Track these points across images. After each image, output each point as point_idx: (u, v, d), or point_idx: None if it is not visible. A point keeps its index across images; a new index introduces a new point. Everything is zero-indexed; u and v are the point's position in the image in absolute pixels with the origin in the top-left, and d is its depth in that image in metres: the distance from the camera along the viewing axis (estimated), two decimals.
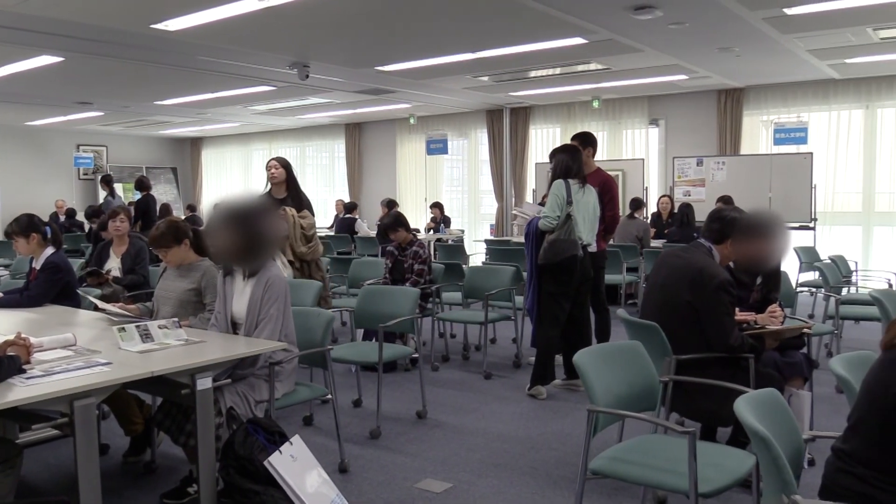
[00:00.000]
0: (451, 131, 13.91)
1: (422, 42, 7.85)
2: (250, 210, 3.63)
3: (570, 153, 5.25)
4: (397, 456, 4.08)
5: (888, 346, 1.86)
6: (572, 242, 5.04)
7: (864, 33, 7.42)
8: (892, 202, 10.26)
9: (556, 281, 5.11)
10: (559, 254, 5.01)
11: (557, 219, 5.01)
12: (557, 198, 5.03)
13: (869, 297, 4.85)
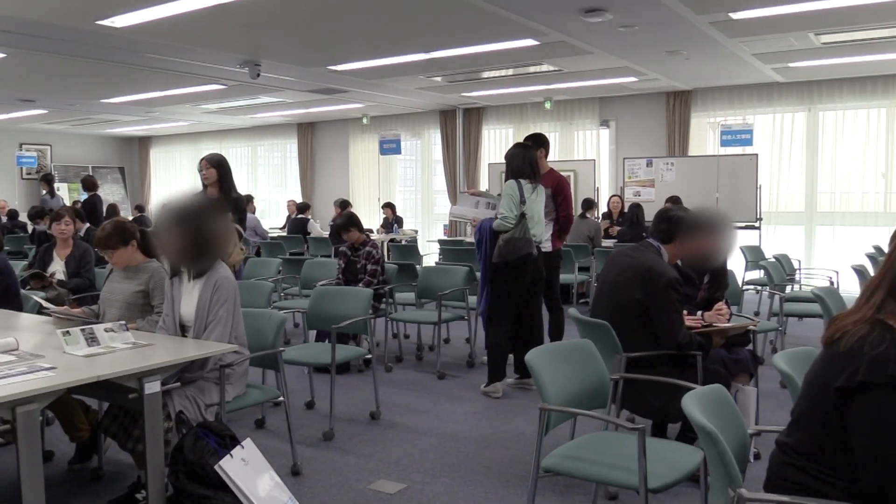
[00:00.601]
0: (405, 131, 13.90)
1: (374, 42, 7.83)
2: (199, 209, 3.57)
3: (523, 153, 5.27)
4: (351, 457, 4.06)
5: (829, 342, 1.91)
6: (527, 241, 5.09)
7: (806, 38, 7.62)
8: (833, 202, 10.58)
9: (509, 280, 5.15)
10: (515, 252, 5.05)
11: (515, 218, 5.04)
12: (512, 198, 5.07)
13: (811, 294, 4.98)
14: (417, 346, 6.70)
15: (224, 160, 5.44)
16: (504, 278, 5.16)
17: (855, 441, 1.77)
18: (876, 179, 10.24)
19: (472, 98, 12.16)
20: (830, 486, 1.83)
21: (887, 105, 10.06)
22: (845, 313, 1.93)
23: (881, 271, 1.91)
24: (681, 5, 6.33)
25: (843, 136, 10.43)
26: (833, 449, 1.83)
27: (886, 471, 1.74)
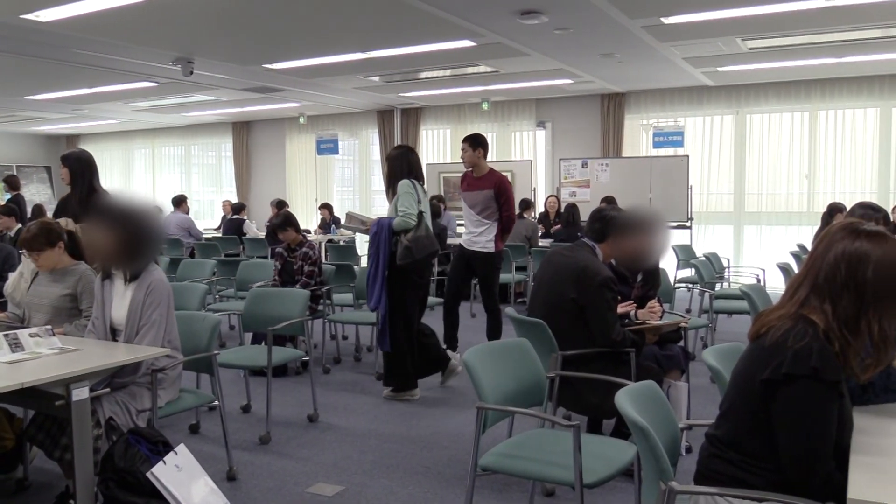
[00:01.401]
0: (342, 131, 13.82)
1: (311, 40, 7.75)
2: (132, 210, 3.49)
3: (405, 156, 5.21)
4: (288, 461, 4.01)
5: (755, 337, 1.98)
6: (432, 239, 5.09)
7: (733, 43, 7.86)
8: (759, 203, 10.93)
9: (412, 281, 5.07)
10: (423, 250, 5.00)
11: (416, 216, 4.99)
12: (411, 196, 5.01)
13: (739, 292, 5.14)
14: (356, 347, 6.67)
15: (77, 156, 4.53)
16: (406, 281, 5.04)
17: (779, 431, 1.84)
18: (800, 181, 10.63)
19: (410, 98, 12.16)
20: (757, 477, 1.89)
21: (810, 108, 10.45)
22: (770, 309, 2.00)
23: (804, 269, 1.99)
24: (614, 9, 6.45)
25: (769, 138, 10.79)
26: (759, 440, 1.90)
27: (809, 459, 1.81)
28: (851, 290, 1.85)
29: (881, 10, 6.47)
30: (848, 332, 1.85)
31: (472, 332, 7.56)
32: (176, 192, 12.12)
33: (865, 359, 1.89)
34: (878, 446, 1.89)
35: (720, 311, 6.42)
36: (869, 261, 1.85)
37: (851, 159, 10.33)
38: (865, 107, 10.21)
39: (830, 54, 8.52)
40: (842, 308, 1.86)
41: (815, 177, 10.50)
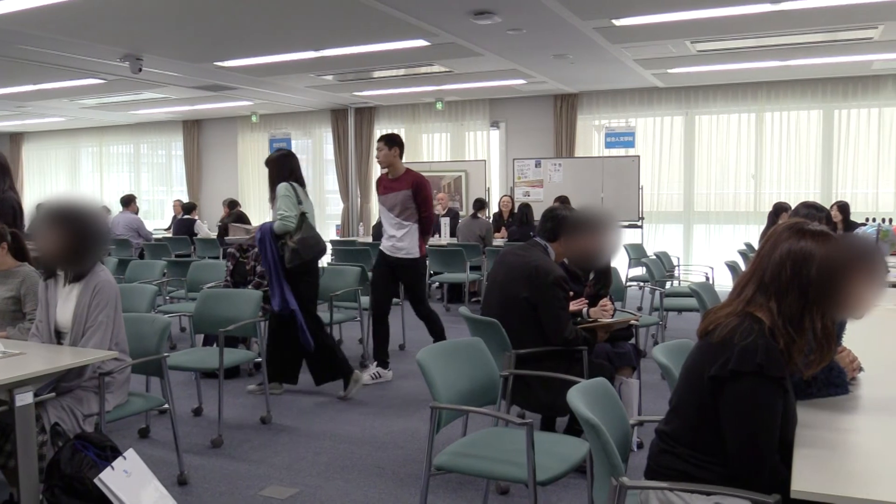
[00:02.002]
0: (295, 130, 13.69)
1: (263, 38, 7.66)
2: (78, 210, 3.40)
3: (284, 160, 5.22)
4: (241, 464, 3.96)
5: (703, 334, 2.02)
6: (318, 238, 5.16)
7: (683, 45, 8.00)
8: (708, 202, 11.15)
9: (307, 281, 5.11)
10: (310, 251, 5.06)
11: (295, 218, 5.03)
12: (289, 199, 5.04)
13: (689, 289, 5.24)
14: None
15: None
16: (304, 283, 5.09)
17: (726, 426, 1.88)
18: (747, 181, 10.87)
19: (364, 97, 12.10)
20: (705, 471, 1.93)
21: (756, 110, 10.69)
22: (718, 307, 2.05)
23: (751, 268, 2.04)
24: (566, 11, 6.51)
25: (717, 139, 11.01)
26: (707, 435, 1.93)
27: (755, 453, 1.85)
28: (796, 289, 1.90)
29: (825, 15, 6.65)
30: (792, 329, 1.90)
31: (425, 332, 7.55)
32: (124, 192, 11.88)
33: (809, 355, 1.94)
34: (821, 439, 1.94)
35: (670, 309, 6.54)
36: (813, 260, 1.89)
37: (796, 160, 10.61)
38: (809, 109, 10.49)
39: (776, 57, 8.73)
40: (787, 306, 1.91)
41: (762, 177, 10.76)
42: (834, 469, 1.76)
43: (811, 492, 1.62)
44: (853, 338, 2.61)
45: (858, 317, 2.08)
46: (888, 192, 9.98)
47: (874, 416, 2.17)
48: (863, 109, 10.23)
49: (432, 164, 12.36)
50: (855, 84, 10.11)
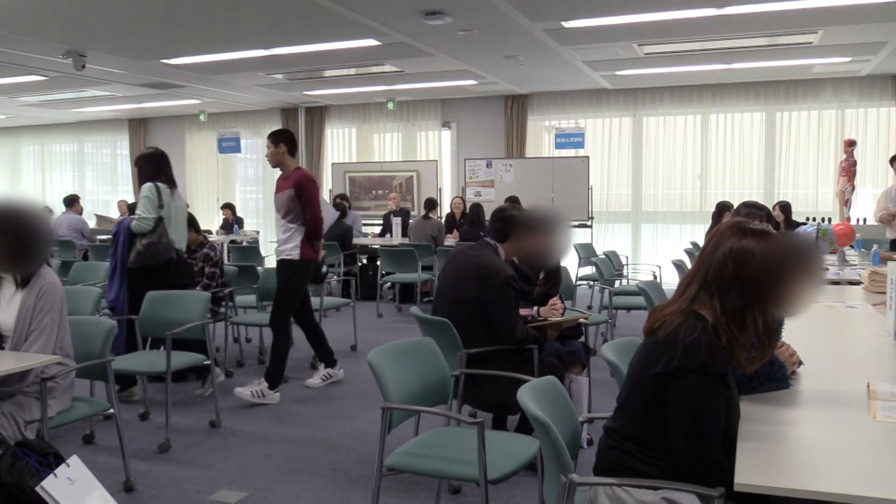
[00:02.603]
0: (244, 129, 13.52)
1: (211, 36, 7.55)
2: (19, 211, 3.31)
3: (158, 159, 5.23)
4: (189, 469, 3.90)
5: (649, 331, 2.06)
6: (167, 246, 5.11)
7: (630, 48, 8.13)
8: (656, 202, 11.36)
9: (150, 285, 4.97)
10: (155, 257, 5.04)
11: (152, 220, 5.03)
12: (150, 199, 5.05)
13: (637, 288, 5.32)
14: (259, 349, 6.54)
15: None
16: (146, 282, 4.99)
17: (672, 422, 1.92)
18: (693, 181, 11.10)
19: (315, 97, 12.02)
20: (651, 466, 1.97)
21: (702, 112, 10.93)
22: (663, 305, 2.09)
23: (695, 266, 2.08)
24: (516, 12, 6.56)
25: (664, 140, 11.22)
26: (653, 431, 1.97)
27: (699, 448, 1.89)
28: (738, 286, 1.95)
29: (766, 20, 6.83)
30: (735, 326, 1.95)
31: (377, 332, 7.55)
32: (68, 192, 11.57)
33: (751, 351, 1.99)
34: (764, 433, 1.99)
35: (619, 307, 6.64)
36: (754, 258, 1.94)
37: (740, 160, 10.87)
38: (752, 111, 10.77)
39: (720, 61, 8.93)
40: (729, 303, 1.95)
41: (707, 177, 11.00)
42: (776, 462, 1.81)
43: (754, 484, 1.65)
44: (792, 333, 2.69)
45: (797, 314, 2.14)
46: (827, 193, 10.29)
47: (813, 409, 2.24)
48: (803, 112, 10.54)
49: (384, 164, 12.34)
50: (796, 87, 10.40)
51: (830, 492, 1.62)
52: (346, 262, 9.38)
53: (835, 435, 2.00)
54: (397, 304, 9.25)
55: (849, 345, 3.35)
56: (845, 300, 4.36)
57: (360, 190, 12.23)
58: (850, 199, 9.28)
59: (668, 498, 1.89)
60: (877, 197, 7.88)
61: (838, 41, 7.77)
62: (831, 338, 3.44)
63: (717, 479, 1.81)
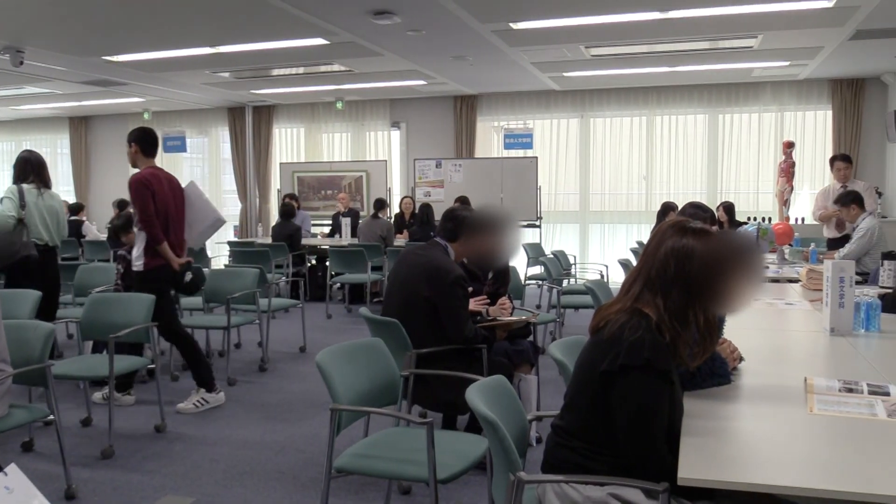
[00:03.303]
0: (190, 128, 13.29)
1: (155, 32, 7.39)
2: None
3: (24, 162, 5.32)
4: (133, 475, 3.81)
5: (594, 330, 2.09)
6: (26, 244, 5.18)
7: (577, 50, 8.22)
8: (603, 202, 11.52)
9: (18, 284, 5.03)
10: (14, 255, 5.10)
11: (13, 219, 5.11)
12: (11, 201, 5.15)
13: (584, 287, 5.39)
14: (206, 352, 6.43)
15: None
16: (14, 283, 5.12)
17: (617, 419, 1.95)
18: (639, 181, 11.29)
19: (262, 96, 11.87)
20: (598, 463, 1.99)
21: (647, 114, 11.12)
22: (608, 304, 2.12)
23: (638, 265, 2.12)
24: (465, 13, 6.58)
25: (610, 141, 11.38)
26: (599, 428, 2.00)
27: (645, 444, 1.92)
28: (680, 284, 1.99)
29: (708, 24, 6.98)
30: (677, 323, 1.99)
31: (326, 333, 7.51)
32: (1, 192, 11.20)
33: (693, 347, 2.03)
34: (706, 428, 2.03)
35: (567, 306, 6.71)
36: (695, 256, 1.99)
37: (684, 161, 11.10)
38: (696, 113, 11.00)
39: (665, 63, 9.11)
40: (671, 301, 1.99)
41: (652, 178, 11.19)
42: (718, 456, 1.85)
43: (697, 478, 1.69)
44: (733, 330, 2.76)
45: (738, 311, 2.19)
46: (767, 193, 10.57)
47: (754, 404, 2.30)
48: (744, 114, 10.80)
49: (333, 164, 12.26)
50: (737, 90, 10.66)
51: (770, 484, 1.67)
52: (294, 263, 9.29)
53: (774, 428, 2.06)
54: (347, 304, 9.21)
55: (787, 341, 3.45)
56: (784, 297, 4.49)
57: (309, 190, 12.12)
58: (789, 200, 9.56)
59: (615, 493, 1.92)
60: (814, 196, 8.11)
61: (777, 46, 8.00)
62: (771, 334, 3.53)
63: (662, 474, 1.84)
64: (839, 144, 10.22)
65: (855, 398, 2.25)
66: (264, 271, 6.35)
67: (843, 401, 2.23)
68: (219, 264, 9.45)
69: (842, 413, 2.11)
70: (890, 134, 8.57)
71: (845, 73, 9.93)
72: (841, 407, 2.16)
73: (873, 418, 2.07)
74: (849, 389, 2.34)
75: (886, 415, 2.08)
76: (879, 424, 2.03)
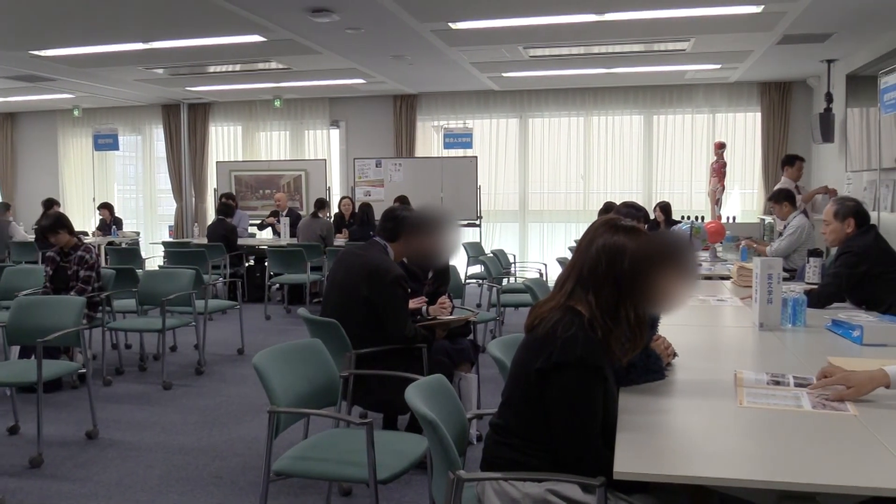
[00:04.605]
0: (123, 126, 12.93)
1: (85, 26, 7.17)
2: None
3: None
4: (64, 484, 3.70)
5: (530, 328, 2.11)
6: None
7: (516, 51, 8.29)
8: (541, 202, 11.66)
9: None
10: None
11: None
12: None
13: (523, 285, 5.44)
14: (140, 356, 6.28)
15: None
16: None
17: (553, 415, 1.97)
18: (577, 181, 11.45)
19: (198, 93, 11.63)
20: (536, 459, 2.02)
21: (585, 114, 11.29)
22: (543, 301, 2.15)
23: (571, 263, 2.15)
24: (404, 13, 6.57)
25: (549, 141, 11.52)
26: (536, 425, 2.02)
27: (580, 439, 1.95)
28: (611, 281, 2.02)
29: (643, 27, 7.12)
30: (609, 319, 2.02)
31: (265, 335, 7.42)
32: None
33: (625, 343, 2.07)
34: (641, 423, 2.07)
35: (507, 305, 6.76)
36: (625, 253, 2.03)
37: (620, 161, 11.31)
38: (631, 114, 11.22)
39: (601, 65, 9.26)
40: (603, 298, 2.03)
41: (590, 177, 11.37)
42: (653, 449, 1.89)
43: (632, 472, 1.72)
44: (667, 327, 2.82)
45: (672, 310, 2.24)
46: (700, 192, 10.83)
47: (687, 398, 2.35)
48: (678, 115, 11.07)
49: (271, 163, 12.11)
50: (671, 92, 10.91)
51: (703, 476, 1.71)
52: (232, 264, 9.14)
53: (706, 422, 2.12)
54: (286, 305, 9.09)
55: (719, 336, 3.55)
56: (716, 294, 4.61)
57: (247, 189, 11.94)
58: (720, 199, 9.83)
59: (553, 489, 1.94)
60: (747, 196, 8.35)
61: (709, 49, 8.21)
62: (703, 330, 3.62)
63: (598, 469, 1.86)
64: (768, 145, 10.57)
65: (782, 391, 2.33)
66: (200, 272, 6.23)
67: (771, 393, 2.30)
68: (153, 265, 9.23)
69: (770, 405, 2.18)
70: (815, 135, 8.89)
71: (773, 77, 10.26)
72: (769, 399, 2.23)
73: (799, 409, 2.14)
74: (776, 382, 2.42)
75: (811, 406, 2.16)
76: (805, 416, 2.10)
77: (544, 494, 1.94)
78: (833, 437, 1.93)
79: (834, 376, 2.27)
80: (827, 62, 8.74)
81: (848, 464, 1.76)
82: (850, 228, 4.07)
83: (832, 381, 2.26)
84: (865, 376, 2.21)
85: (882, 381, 2.19)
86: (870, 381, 2.19)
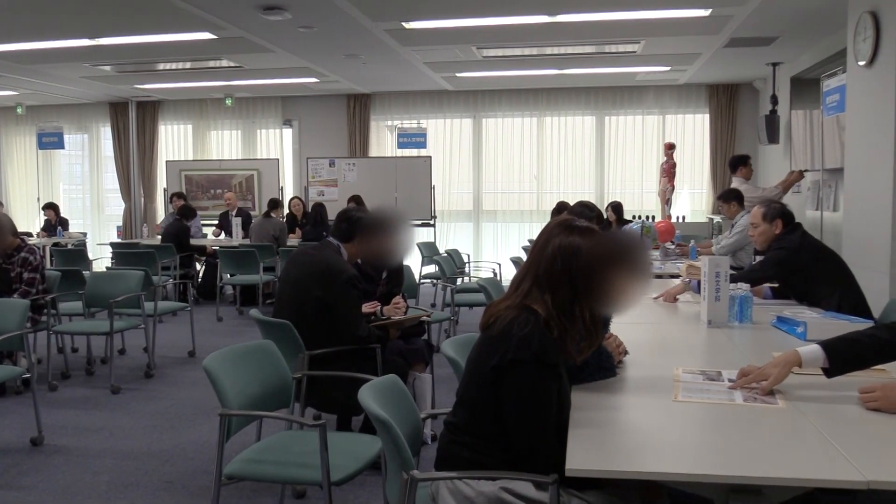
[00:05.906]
0: (68, 124, 12.62)
1: (27, 21, 6.97)
2: None
3: None
4: (7, 492, 3.59)
5: (485, 326, 2.12)
6: None
7: (469, 51, 8.32)
8: (495, 201, 11.72)
9: None
10: None
11: None
12: None
13: (477, 285, 5.46)
14: (87, 359, 6.13)
15: None
16: None
17: (507, 413, 1.99)
18: (530, 181, 11.54)
19: (147, 91, 11.41)
20: (490, 458, 2.03)
21: (538, 115, 11.38)
22: (498, 300, 2.16)
23: (527, 263, 2.17)
24: (357, 11, 6.54)
25: (502, 141, 11.59)
26: (490, 423, 2.03)
27: (534, 436, 1.97)
28: (566, 281, 2.05)
29: (594, 29, 7.21)
30: (564, 318, 2.04)
31: (217, 336, 7.32)
32: None
33: (580, 343, 2.10)
34: (593, 419, 2.10)
35: (461, 304, 6.79)
36: (580, 253, 2.05)
37: (573, 161, 11.43)
38: (584, 115, 11.35)
39: (554, 66, 9.34)
40: (559, 298, 2.05)
41: (543, 177, 11.47)
42: (605, 446, 1.91)
43: (584, 469, 1.74)
44: (619, 325, 2.86)
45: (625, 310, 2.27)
46: (651, 192, 11.01)
47: (634, 395, 2.39)
48: (629, 116, 11.23)
49: (222, 163, 11.94)
50: (622, 93, 11.07)
51: (650, 471, 1.75)
52: (182, 265, 8.99)
53: (648, 417, 2.16)
54: (238, 306, 8.98)
55: (669, 333, 3.60)
56: None
57: (198, 189, 11.76)
58: (670, 199, 10.00)
59: (506, 487, 1.95)
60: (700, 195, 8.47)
61: (658, 51, 8.35)
62: (654, 328, 3.68)
63: (551, 466, 1.88)
64: (716, 146, 10.79)
65: (716, 385, 2.40)
66: (150, 273, 6.12)
67: (706, 388, 2.37)
68: (101, 267, 9.02)
69: (702, 399, 2.25)
70: (761, 137, 9.11)
71: (721, 79, 10.48)
72: (702, 394, 2.30)
73: (731, 403, 2.22)
74: (711, 379, 2.49)
75: (742, 400, 2.24)
76: (737, 409, 2.17)
77: (498, 493, 1.95)
78: (768, 430, 2.00)
79: (750, 374, 2.35)
80: (772, 65, 8.96)
81: (789, 456, 1.82)
82: (779, 229, 4.19)
83: (749, 379, 2.34)
84: (779, 360, 2.32)
85: (795, 361, 2.29)
86: (784, 364, 2.29)
